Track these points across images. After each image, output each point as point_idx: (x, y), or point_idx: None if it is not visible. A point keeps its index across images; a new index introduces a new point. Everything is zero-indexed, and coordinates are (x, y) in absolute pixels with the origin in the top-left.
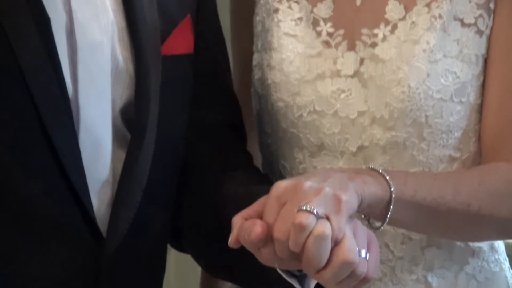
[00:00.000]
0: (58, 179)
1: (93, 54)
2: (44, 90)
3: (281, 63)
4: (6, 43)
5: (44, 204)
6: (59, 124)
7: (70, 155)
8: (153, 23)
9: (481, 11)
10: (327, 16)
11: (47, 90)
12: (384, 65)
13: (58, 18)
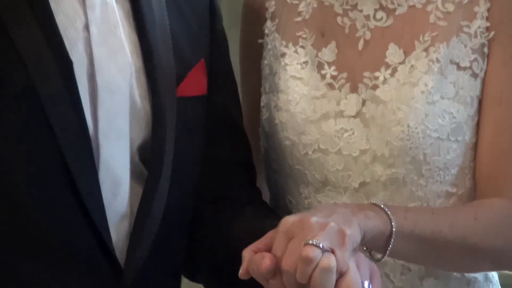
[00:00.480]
0: (78, 213)
1: (112, 95)
2: (66, 128)
3: (288, 104)
4: (30, 85)
5: (64, 237)
6: (80, 161)
7: (90, 190)
8: (169, 66)
9: (476, 55)
10: (331, 60)
11: (68, 128)
12: (384, 106)
13: (80, 61)
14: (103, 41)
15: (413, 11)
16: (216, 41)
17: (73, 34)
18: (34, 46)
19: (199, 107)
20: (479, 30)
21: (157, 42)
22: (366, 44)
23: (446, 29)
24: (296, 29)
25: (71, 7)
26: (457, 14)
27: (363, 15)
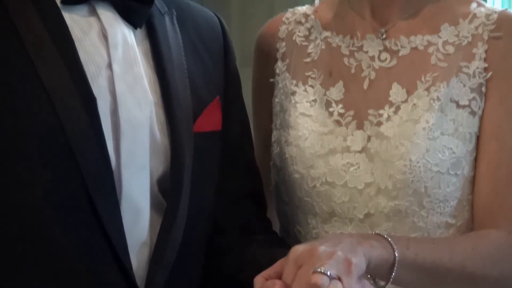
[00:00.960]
0: (100, 240)
1: (133, 131)
2: (90, 161)
3: (298, 139)
4: (57, 120)
5: (86, 263)
6: (103, 191)
7: (112, 220)
8: (186, 103)
9: (474, 94)
10: (338, 99)
11: (93, 161)
12: (388, 141)
13: (103, 98)
14: (125, 79)
15: (415, 52)
16: (230, 79)
17: (96, 72)
18: (60, 83)
19: (214, 142)
20: (478, 71)
21: (174, 80)
22: (371, 84)
23: (446, 70)
24: (306, 69)
25: (94, 47)
26: (456, 56)
27: (368, 56)
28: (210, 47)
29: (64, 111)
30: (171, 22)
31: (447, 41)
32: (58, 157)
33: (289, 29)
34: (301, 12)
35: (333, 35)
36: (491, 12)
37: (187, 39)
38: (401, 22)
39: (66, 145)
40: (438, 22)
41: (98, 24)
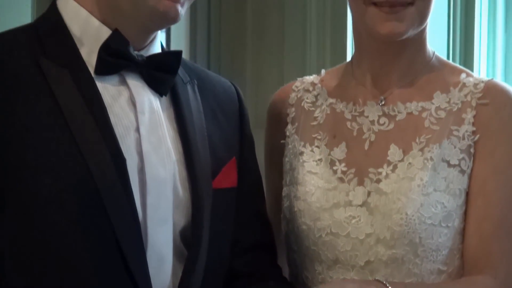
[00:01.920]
0: (127, 285)
1: (158, 187)
2: (119, 215)
3: (305, 195)
4: (91, 177)
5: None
6: (131, 242)
7: (139, 266)
8: (206, 163)
9: (463, 155)
10: (341, 158)
11: (121, 215)
12: (386, 197)
13: (131, 158)
14: (150, 140)
15: (411, 117)
16: (245, 141)
17: (125, 134)
18: (93, 144)
19: (231, 197)
20: (466, 134)
21: (195, 142)
22: (371, 145)
23: (438, 132)
24: (312, 132)
25: (124, 112)
26: (448, 120)
27: (369, 121)
28: (227, 112)
29: (96, 169)
30: (193, 90)
31: (439, 107)
32: (92, 210)
33: (298, 96)
34: (309, 81)
35: (337, 102)
36: (478, 81)
37: (207, 105)
38: (398, 90)
39: (99, 199)
40: (431, 90)
41: (127, 91)
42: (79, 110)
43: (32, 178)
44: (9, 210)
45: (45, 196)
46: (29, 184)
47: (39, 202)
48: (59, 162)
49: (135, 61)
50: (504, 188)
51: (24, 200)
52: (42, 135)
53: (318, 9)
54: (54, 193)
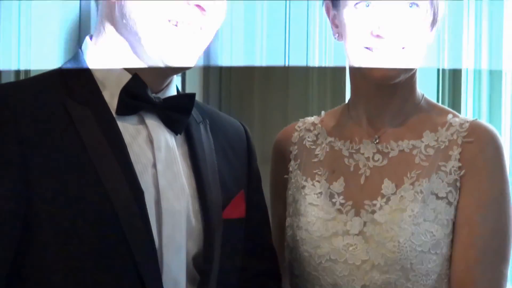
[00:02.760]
0: None
1: (173, 218)
2: (138, 243)
3: (307, 225)
4: (112, 209)
5: None
6: (148, 267)
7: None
8: (216, 195)
9: (450, 188)
10: (340, 191)
11: (140, 243)
12: (380, 226)
13: (148, 191)
14: (166, 176)
15: (403, 154)
16: (252, 176)
17: (143, 169)
18: (114, 179)
19: (239, 227)
20: (453, 169)
21: (207, 177)
22: (367, 179)
23: (427, 168)
24: (313, 168)
25: (142, 149)
26: (436, 157)
27: (364, 157)
28: (236, 150)
29: (117, 201)
30: (205, 130)
31: (428, 145)
32: (113, 239)
33: (300, 135)
34: (310, 122)
35: (336, 140)
36: (464, 121)
37: (217, 143)
38: (391, 129)
39: (120, 229)
40: (421, 130)
41: (145, 130)
42: (102, 148)
43: (58, 211)
44: (36, 240)
45: (70, 226)
46: (56, 215)
47: (65, 232)
48: (83, 196)
49: (153, 103)
50: (488, 220)
51: (50, 230)
52: (67, 171)
53: (320, 56)
54: (79, 223)
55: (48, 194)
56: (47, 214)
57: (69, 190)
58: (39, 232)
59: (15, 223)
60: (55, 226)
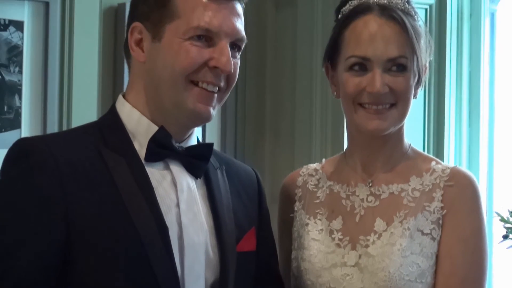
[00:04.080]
0: None
1: (194, 251)
2: (163, 273)
3: (310, 257)
4: (140, 244)
5: None
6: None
7: None
8: (231, 232)
9: (434, 225)
10: (338, 228)
11: (165, 273)
12: (373, 259)
13: (172, 227)
14: (188, 214)
15: (392, 196)
16: (262, 214)
17: (168, 209)
18: (143, 217)
19: (251, 259)
20: (436, 209)
21: (223, 215)
22: (361, 218)
23: (414, 208)
24: (315, 208)
25: (166, 191)
26: (421, 198)
27: (359, 199)
28: (249, 192)
29: (146, 236)
30: (222, 174)
31: (414, 188)
32: (141, 269)
33: (304, 180)
34: (312, 168)
35: (334, 184)
36: (445, 167)
37: (232, 187)
38: (382, 175)
39: (147, 261)
40: (408, 175)
41: (170, 175)
42: (132, 191)
43: (95, 243)
44: (75, 273)
45: (105, 256)
46: (92, 247)
47: (100, 261)
48: (117, 231)
49: (177, 151)
50: (467, 253)
51: (87, 258)
52: (103, 210)
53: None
54: (112, 254)
55: (86, 229)
56: (85, 246)
57: (104, 226)
58: (77, 261)
59: (56, 255)
60: (92, 255)
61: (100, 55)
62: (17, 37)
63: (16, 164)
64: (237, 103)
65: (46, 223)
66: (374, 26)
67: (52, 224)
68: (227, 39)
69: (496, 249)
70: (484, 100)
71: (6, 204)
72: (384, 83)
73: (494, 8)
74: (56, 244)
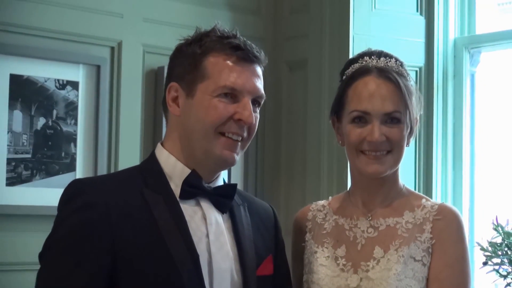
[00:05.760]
0: None
1: (221, 276)
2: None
3: (318, 280)
4: (178, 272)
5: None
6: None
7: None
8: (252, 259)
9: (424, 253)
10: (342, 255)
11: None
12: (373, 282)
13: (203, 256)
14: (216, 244)
15: (389, 228)
16: (278, 244)
17: (199, 240)
18: (178, 247)
19: (269, 282)
20: (426, 239)
21: (246, 245)
22: (362, 247)
23: (407, 238)
24: (323, 238)
25: (197, 225)
26: (414, 230)
27: (361, 230)
28: (267, 225)
29: (180, 263)
30: (244, 210)
31: (407, 221)
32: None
33: (313, 214)
34: (320, 204)
35: (339, 218)
36: (434, 204)
37: (253, 221)
38: (380, 210)
39: (181, 284)
40: (402, 210)
41: (200, 211)
42: (169, 225)
43: (138, 271)
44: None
45: (146, 284)
46: (135, 274)
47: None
48: (156, 260)
49: (206, 191)
50: (453, 276)
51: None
52: (144, 242)
53: (328, 157)
54: (151, 281)
55: (130, 258)
56: (128, 272)
57: (145, 255)
58: (121, 285)
59: (104, 280)
60: (135, 280)
61: (143, 110)
62: (73, 94)
63: (71, 202)
64: (257, 151)
65: (96, 252)
66: (373, 86)
67: (101, 253)
68: (249, 96)
69: (477, 273)
70: (466, 147)
71: (63, 235)
72: (381, 133)
73: (474, 70)
74: (105, 270)
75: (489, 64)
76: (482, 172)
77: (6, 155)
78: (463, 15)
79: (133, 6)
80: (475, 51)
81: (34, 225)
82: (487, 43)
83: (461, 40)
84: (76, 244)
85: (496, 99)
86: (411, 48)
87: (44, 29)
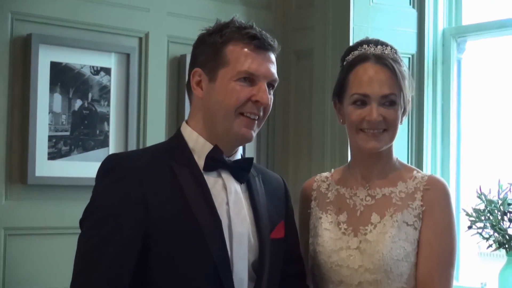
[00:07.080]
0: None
1: (239, 238)
2: (217, 253)
3: (323, 242)
4: (202, 233)
5: None
6: (224, 269)
7: (229, 285)
8: (266, 224)
9: (416, 218)
10: (344, 221)
11: (219, 253)
12: (370, 244)
13: (224, 220)
14: (234, 210)
15: (385, 196)
16: (288, 211)
17: (220, 206)
18: (203, 213)
19: (281, 244)
20: (417, 206)
21: (261, 212)
22: (361, 213)
23: (401, 206)
24: (326, 205)
25: (218, 193)
26: (406, 198)
27: (359, 199)
28: (278, 194)
29: (204, 227)
30: (259, 181)
31: (401, 190)
32: (202, 252)
33: (318, 185)
34: (324, 176)
35: (341, 188)
36: (424, 175)
37: (266, 190)
38: (377, 181)
39: (206, 245)
40: (396, 181)
41: (221, 181)
42: (195, 193)
43: (168, 232)
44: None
45: (176, 243)
46: (165, 234)
47: (172, 247)
48: (184, 224)
49: (226, 164)
50: (441, 240)
51: (163, 245)
52: (173, 208)
53: (331, 135)
54: (180, 242)
55: (162, 222)
56: (161, 234)
57: (175, 219)
58: (156, 244)
59: (141, 238)
60: (166, 240)
61: (167, 93)
62: (106, 79)
63: (108, 174)
64: (268, 129)
65: (132, 219)
66: (372, 72)
67: (136, 220)
68: (264, 80)
69: (462, 236)
70: (453, 125)
71: (101, 204)
72: (379, 114)
73: (460, 57)
74: (139, 235)
75: (474, 52)
76: (467, 147)
77: (48, 132)
78: (450, 8)
79: (158, 1)
80: (462, 40)
81: (72, 194)
82: (472, 33)
83: (449, 30)
84: (113, 212)
85: (480, 83)
86: (404, 38)
87: (80, 22)
